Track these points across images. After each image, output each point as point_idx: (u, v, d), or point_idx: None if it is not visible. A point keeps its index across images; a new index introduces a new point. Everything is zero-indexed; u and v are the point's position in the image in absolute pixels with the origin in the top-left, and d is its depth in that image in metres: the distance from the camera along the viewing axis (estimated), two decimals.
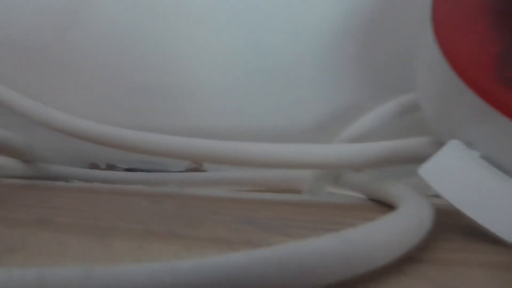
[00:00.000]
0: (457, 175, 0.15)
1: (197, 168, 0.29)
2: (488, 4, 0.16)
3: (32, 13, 0.29)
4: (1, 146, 0.24)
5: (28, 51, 0.29)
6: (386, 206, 0.20)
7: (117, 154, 0.29)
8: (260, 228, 0.17)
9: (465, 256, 0.14)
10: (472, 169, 0.14)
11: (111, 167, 0.30)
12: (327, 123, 0.26)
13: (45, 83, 0.30)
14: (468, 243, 0.15)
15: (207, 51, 0.27)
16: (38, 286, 0.09)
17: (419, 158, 0.17)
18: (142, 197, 0.22)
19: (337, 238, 0.11)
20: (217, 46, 0.26)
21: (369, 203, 0.21)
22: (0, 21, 0.29)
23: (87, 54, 0.28)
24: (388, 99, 0.23)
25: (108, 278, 0.09)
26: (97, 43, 0.28)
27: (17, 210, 0.20)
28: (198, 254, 0.14)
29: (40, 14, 0.29)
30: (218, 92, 0.27)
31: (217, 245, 0.15)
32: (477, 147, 0.15)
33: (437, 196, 0.15)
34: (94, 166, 0.30)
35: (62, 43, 0.28)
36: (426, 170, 0.15)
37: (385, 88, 0.25)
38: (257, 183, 0.26)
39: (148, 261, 0.09)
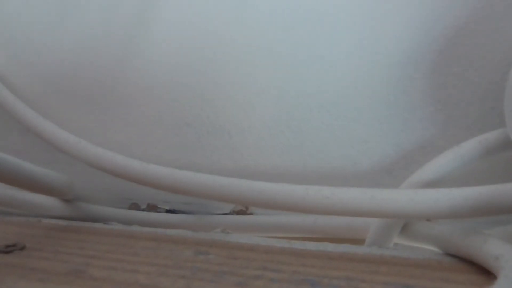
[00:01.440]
0: None
1: (242, 210, 0.27)
2: None
3: (81, 48, 0.29)
4: (41, 185, 0.23)
5: (76, 86, 0.29)
6: (466, 262, 0.17)
7: (159, 193, 0.28)
8: None
9: None
10: None
11: (152, 207, 0.29)
12: (392, 164, 0.23)
13: (91, 118, 0.29)
14: None
15: (260, 85, 0.25)
16: None
17: None
18: (185, 245, 0.20)
19: None
20: (271, 79, 0.25)
21: (447, 260, 0.18)
22: (49, 55, 0.29)
23: (137, 90, 0.28)
24: (464, 136, 0.20)
25: None
26: (147, 79, 0.27)
27: (52, 259, 0.18)
28: None
29: (89, 50, 0.28)
30: (271, 129, 0.25)
31: None
32: None
33: None
34: (134, 206, 0.29)
35: (111, 78, 0.28)
36: None
37: (460, 124, 0.22)
38: (311, 231, 0.23)
39: None
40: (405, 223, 0.20)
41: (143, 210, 0.29)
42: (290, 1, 0.24)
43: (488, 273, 0.15)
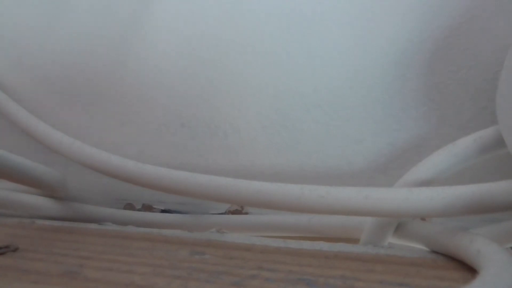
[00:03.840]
0: None
1: (238, 210, 0.27)
2: None
3: (75, 49, 0.28)
4: (32, 178, 0.23)
5: (70, 86, 0.29)
6: (457, 261, 0.17)
7: (154, 194, 0.28)
8: None
9: None
10: None
11: (147, 207, 0.29)
12: (386, 163, 0.23)
13: (86, 119, 0.29)
14: None
15: (256, 85, 0.25)
16: None
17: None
18: (180, 245, 0.20)
19: None
20: (267, 79, 0.25)
21: (441, 258, 0.18)
22: (43, 55, 0.29)
23: (131, 90, 0.28)
24: (458, 135, 0.20)
25: None
26: (141, 80, 0.27)
27: (46, 260, 0.18)
28: None
29: (83, 50, 0.28)
30: (267, 128, 0.25)
31: None
32: None
33: None
34: (129, 206, 0.29)
35: (106, 78, 0.28)
36: None
37: (453, 123, 0.22)
38: (306, 230, 0.23)
39: None
40: (399, 222, 0.20)
41: (138, 210, 0.29)
42: (285, 1, 0.24)
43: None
